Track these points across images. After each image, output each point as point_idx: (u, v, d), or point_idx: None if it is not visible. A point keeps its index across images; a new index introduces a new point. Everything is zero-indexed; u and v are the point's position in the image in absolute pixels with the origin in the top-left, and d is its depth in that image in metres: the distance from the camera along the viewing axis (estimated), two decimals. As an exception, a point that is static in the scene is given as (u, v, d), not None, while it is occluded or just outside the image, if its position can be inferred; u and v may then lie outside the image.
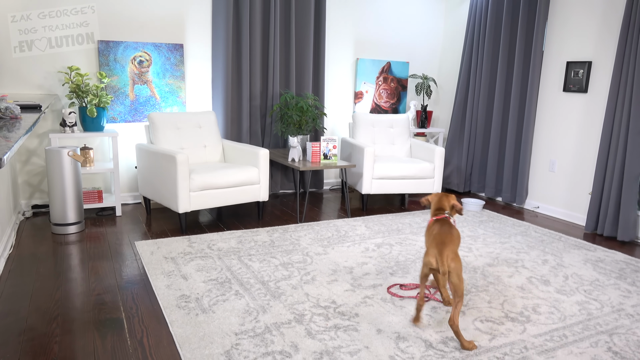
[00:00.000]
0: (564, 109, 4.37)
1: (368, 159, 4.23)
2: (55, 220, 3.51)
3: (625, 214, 3.72)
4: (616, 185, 3.79)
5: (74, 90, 3.79)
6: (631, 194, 3.71)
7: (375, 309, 2.46)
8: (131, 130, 4.27)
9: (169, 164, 3.51)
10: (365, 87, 5.29)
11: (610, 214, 3.83)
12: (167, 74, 4.31)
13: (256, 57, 4.55)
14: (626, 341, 2.25)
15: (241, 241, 3.44)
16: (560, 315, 2.49)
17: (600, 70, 4.05)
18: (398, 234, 3.73)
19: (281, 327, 2.26)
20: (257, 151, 3.88)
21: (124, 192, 4.36)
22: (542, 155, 4.60)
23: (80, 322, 2.29)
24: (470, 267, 3.09)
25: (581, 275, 3.03)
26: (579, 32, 4.20)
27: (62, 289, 2.63)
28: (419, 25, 5.52)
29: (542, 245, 3.58)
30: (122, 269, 2.93)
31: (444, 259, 2.10)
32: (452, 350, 2.11)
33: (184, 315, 2.35)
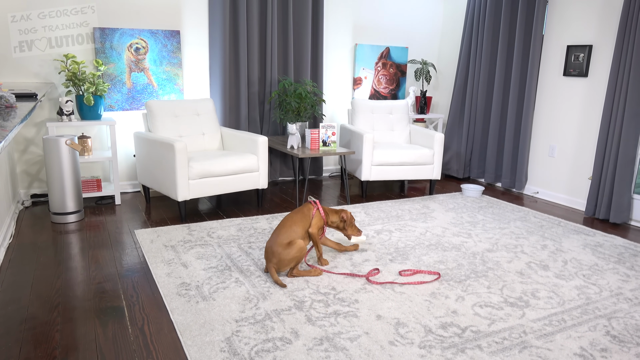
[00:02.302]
0: (564, 93, 4.34)
1: (367, 145, 4.22)
2: (54, 210, 3.50)
3: (619, 197, 3.72)
4: (612, 169, 3.78)
5: (70, 79, 3.76)
6: (625, 176, 3.71)
7: (374, 295, 2.47)
8: (129, 118, 4.25)
9: (168, 152, 3.49)
10: (364, 73, 5.25)
11: (607, 198, 3.83)
12: (164, 61, 4.27)
13: (254, 43, 4.50)
14: (624, 325, 2.27)
15: (241, 229, 3.44)
16: (559, 299, 2.50)
17: (601, 54, 4.02)
18: (397, 220, 3.73)
19: (281, 313, 2.27)
20: (256, 138, 3.86)
21: (123, 181, 4.35)
22: (541, 141, 4.59)
23: (81, 310, 2.30)
24: (470, 253, 3.09)
25: (580, 260, 3.03)
26: (579, 16, 4.16)
27: (63, 278, 2.63)
28: (418, 10, 5.46)
29: (542, 231, 3.58)
30: (122, 257, 2.93)
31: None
32: (452, 335, 2.13)
33: (184, 302, 2.36)
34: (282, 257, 2.58)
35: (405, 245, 3.20)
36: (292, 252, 2.59)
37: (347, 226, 2.90)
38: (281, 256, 2.58)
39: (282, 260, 2.58)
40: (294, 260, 2.60)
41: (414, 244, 3.22)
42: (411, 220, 3.75)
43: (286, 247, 2.58)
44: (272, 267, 2.60)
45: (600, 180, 3.92)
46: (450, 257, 3.01)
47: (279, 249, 2.58)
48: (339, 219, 2.89)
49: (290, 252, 2.58)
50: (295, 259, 2.60)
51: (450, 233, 3.46)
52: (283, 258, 2.58)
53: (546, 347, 2.05)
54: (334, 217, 2.89)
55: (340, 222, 2.89)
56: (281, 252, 2.58)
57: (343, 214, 2.89)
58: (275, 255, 2.59)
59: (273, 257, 2.59)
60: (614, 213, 3.78)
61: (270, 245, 2.62)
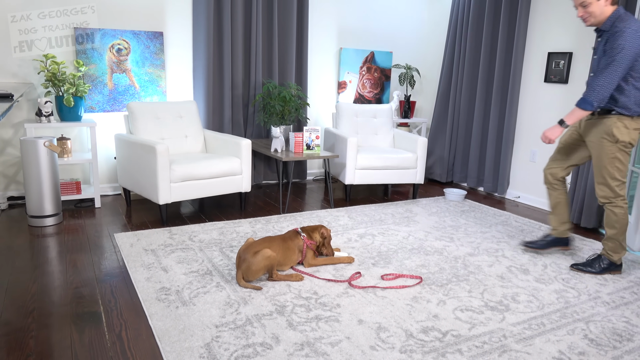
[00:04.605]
0: (545, 99, 4.40)
1: (351, 149, 4.22)
2: (31, 212, 3.43)
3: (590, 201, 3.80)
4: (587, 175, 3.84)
5: (50, 79, 3.69)
6: None
7: (356, 300, 2.47)
8: (110, 120, 4.19)
9: (149, 154, 3.45)
10: (349, 77, 5.26)
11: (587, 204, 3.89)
12: (147, 63, 4.22)
13: (238, 45, 4.48)
14: (602, 328, 2.30)
15: (223, 232, 3.41)
16: (538, 303, 2.52)
17: (581, 61, 4.09)
18: (381, 224, 3.74)
19: (262, 318, 2.25)
20: (239, 141, 3.84)
21: (103, 184, 4.28)
22: (523, 146, 4.64)
23: (57, 316, 2.25)
24: (452, 257, 3.11)
25: (559, 264, 3.07)
26: (560, 23, 4.23)
27: (39, 283, 2.58)
28: (403, 15, 5.49)
29: (523, 235, 3.62)
30: (101, 261, 2.88)
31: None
32: (433, 339, 2.13)
33: (163, 308, 2.32)
34: (250, 265, 2.54)
35: (388, 250, 3.20)
36: (261, 262, 2.55)
37: (327, 242, 2.91)
38: (250, 265, 2.54)
39: (250, 269, 2.54)
40: (262, 269, 2.57)
41: (396, 248, 3.23)
42: (394, 224, 3.76)
43: (254, 255, 2.55)
44: (239, 273, 2.57)
45: (576, 186, 3.98)
46: (432, 261, 3.03)
47: (248, 257, 2.55)
48: (319, 236, 2.90)
49: (260, 262, 2.54)
50: (263, 269, 2.57)
51: (432, 237, 3.48)
52: (250, 267, 2.54)
53: (525, 351, 2.07)
54: (315, 237, 2.90)
55: (320, 239, 2.91)
56: (250, 260, 2.55)
57: (322, 230, 2.91)
58: (244, 262, 2.55)
59: (242, 263, 2.56)
60: (589, 218, 3.84)
61: (240, 253, 2.60)
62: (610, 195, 2.78)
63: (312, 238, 2.89)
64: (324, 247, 2.93)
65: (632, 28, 2.51)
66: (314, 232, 2.91)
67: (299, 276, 2.67)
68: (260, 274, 2.58)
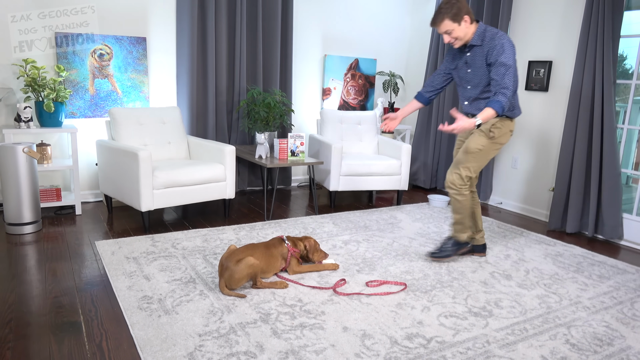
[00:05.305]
0: (526, 107, 4.48)
1: (335, 155, 4.23)
2: (9, 220, 3.35)
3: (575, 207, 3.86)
4: (578, 181, 3.91)
5: (29, 84, 3.62)
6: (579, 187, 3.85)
7: (341, 307, 2.46)
8: (91, 126, 4.13)
9: (131, 160, 3.41)
10: (333, 83, 5.28)
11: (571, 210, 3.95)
12: (129, 68, 4.18)
13: (222, 51, 4.47)
14: (583, 333, 2.33)
15: (207, 240, 3.38)
16: (521, 309, 2.55)
17: (561, 70, 4.17)
18: (365, 230, 3.74)
19: (246, 327, 2.23)
20: (223, 148, 3.81)
21: (84, 190, 4.21)
22: (505, 152, 4.71)
23: (36, 326, 2.19)
24: (436, 263, 3.13)
25: (541, 270, 3.11)
26: (540, 33, 4.31)
27: (17, 292, 2.51)
28: (386, 23, 5.54)
29: (505, 241, 3.66)
30: (82, 270, 2.83)
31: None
32: (417, 346, 2.13)
33: (145, 317, 2.28)
34: (233, 273, 2.52)
35: (373, 256, 3.21)
36: (244, 270, 2.52)
37: (309, 253, 2.91)
38: (232, 273, 2.52)
39: (232, 277, 2.52)
40: (245, 277, 2.54)
41: (381, 255, 3.24)
42: (379, 230, 3.76)
43: (237, 263, 2.53)
44: (222, 282, 2.55)
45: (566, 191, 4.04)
46: (417, 268, 3.04)
47: (231, 265, 2.53)
48: (302, 247, 2.90)
49: (243, 270, 2.52)
50: (246, 277, 2.54)
51: (417, 243, 3.50)
52: (233, 275, 2.51)
53: (509, 357, 2.09)
54: (300, 246, 2.89)
55: (304, 250, 2.90)
56: (233, 268, 2.52)
57: (306, 242, 2.90)
58: (226, 270, 2.53)
59: (225, 271, 2.54)
60: (573, 223, 3.91)
61: (222, 260, 2.58)
62: (462, 183, 3.00)
63: (296, 246, 2.88)
64: (315, 252, 2.92)
65: (505, 39, 2.80)
66: (299, 241, 2.90)
67: (284, 284, 2.66)
68: (244, 282, 2.56)
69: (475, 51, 2.92)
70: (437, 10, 2.85)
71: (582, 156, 3.87)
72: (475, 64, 2.93)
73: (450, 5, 2.81)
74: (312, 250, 2.91)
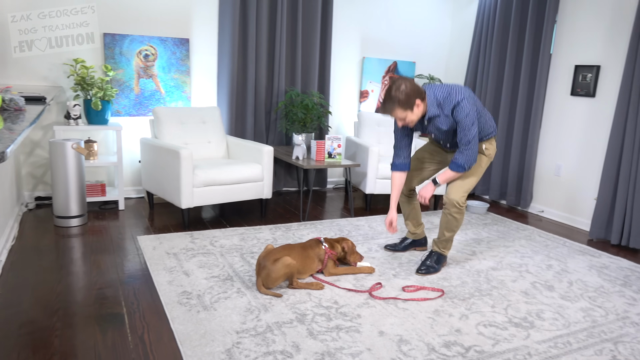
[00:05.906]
0: (571, 112, 4.33)
1: (372, 158, 4.21)
2: (58, 213, 3.50)
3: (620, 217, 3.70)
4: (623, 191, 3.76)
5: (79, 83, 3.77)
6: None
7: (377, 310, 2.45)
8: (135, 124, 4.26)
9: (173, 159, 3.49)
10: (371, 86, 5.26)
11: (617, 220, 3.79)
12: (173, 69, 4.29)
13: (262, 53, 4.52)
14: (631, 350, 2.23)
15: (244, 238, 3.42)
16: (564, 321, 2.46)
17: (609, 75, 4.02)
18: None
19: (283, 326, 2.24)
20: (261, 148, 3.86)
21: (127, 186, 4.34)
22: (547, 159, 4.57)
23: (81, 316, 2.28)
24: (474, 270, 3.06)
25: (586, 282, 3.00)
26: (587, 36, 4.16)
27: (64, 282, 2.62)
28: (426, 25, 5.48)
29: (547, 250, 3.55)
30: (124, 263, 2.92)
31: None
32: (455, 354, 2.09)
33: (185, 312, 2.33)
34: (270, 273, 2.54)
35: (409, 261, 3.17)
36: (281, 269, 2.54)
37: (348, 255, 2.91)
38: (270, 272, 2.54)
39: (269, 276, 2.54)
40: (282, 277, 2.56)
41: (417, 260, 3.20)
42: (415, 235, 3.72)
43: (274, 262, 2.55)
44: (259, 280, 2.57)
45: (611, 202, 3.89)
46: (454, 274, 2.98)
47: (268, 264, 2.55)
48: (340, 249, 2.91)
49: (280, 269, 2.54)
50: (283, 276, 2.57)
51: (454, 249, 3.43)
52: (270, 274, 2.54)
53: (551, 370, 2.02)
54: (337, 248, 2.90)
55: (342, 252, 2.91)
56: (270, 268, 2.54)
57: (344, 243, 2.91)
58: (264, 269, 2.56)
59: (262, 270, 2.57)
60: (617, 234, 3.75)
61: (260, 260, 2.61)
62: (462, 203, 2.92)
63: (333, 248, 2.89)
64: (352, 254, 2.92)
65: (459, 96, 2.67)
66: (336, 243, 2.91)
67: (320, 285, 2.66)
68: (280, 282, 2.58)
69: (436, 119, 2.78)
70: (385, 97, 2.66)
71: (628, 166, 3.72)
72: (441, 129, 2.81)
73: (398, 92, 2.60)
74: (350, 251, 2.90)
